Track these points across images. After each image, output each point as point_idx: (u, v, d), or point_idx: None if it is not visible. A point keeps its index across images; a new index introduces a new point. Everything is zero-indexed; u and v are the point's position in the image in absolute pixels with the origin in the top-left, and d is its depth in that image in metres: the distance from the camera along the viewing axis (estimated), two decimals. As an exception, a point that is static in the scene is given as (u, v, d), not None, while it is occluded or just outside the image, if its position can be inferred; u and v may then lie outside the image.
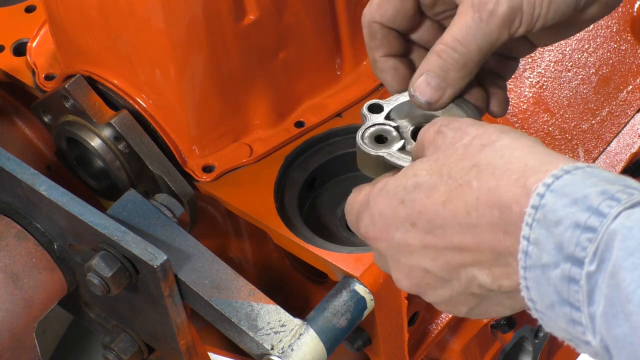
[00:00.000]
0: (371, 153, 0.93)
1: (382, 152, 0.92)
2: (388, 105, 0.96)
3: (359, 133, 0.93)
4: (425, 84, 0.93)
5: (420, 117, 0.95)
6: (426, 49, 0.99)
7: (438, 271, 0.83)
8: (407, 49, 1.00)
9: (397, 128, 0.95)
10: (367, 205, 0.88)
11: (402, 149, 0.93)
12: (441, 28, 0.99)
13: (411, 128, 0.95)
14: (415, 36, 1.00)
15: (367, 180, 1.29)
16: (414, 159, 0.90)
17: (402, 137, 0.94)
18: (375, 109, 0.96)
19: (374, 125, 0.95)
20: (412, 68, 0.99)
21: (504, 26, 0.91)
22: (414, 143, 0.92)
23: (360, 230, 0.89)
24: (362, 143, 0.93)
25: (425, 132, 0.87)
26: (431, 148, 0.85)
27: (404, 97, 0.97)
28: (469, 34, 0.91)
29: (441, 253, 0.82)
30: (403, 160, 0.91)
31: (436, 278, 0.84)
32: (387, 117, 0.96)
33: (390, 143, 0.94)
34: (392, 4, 0.96)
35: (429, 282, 0.84)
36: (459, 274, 0.82)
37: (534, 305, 0.74)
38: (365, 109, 0.96)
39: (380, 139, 0.95)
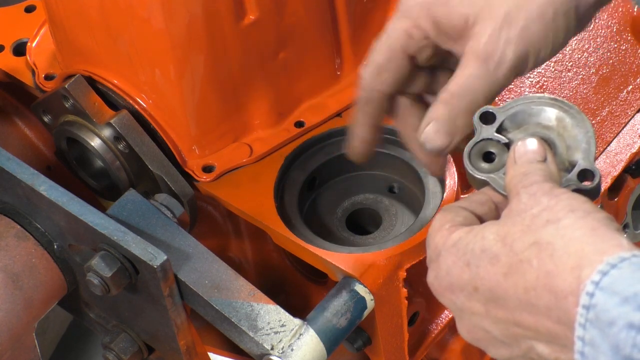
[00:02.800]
0: (475, 176, 0.90)
1: (487, 176, 0.90)
2: (502, 114, 0.92)
3: (467, 149, 0.89)
4: (434, 131, 0.95)
5: (537, 127, 0.92)
6: (413, 96, 1.03)
7: (498, 335, 0.86)
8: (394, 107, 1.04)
9: (508, 145, 0.91)
10: (438, 256, 0.90)
11: None
12: (434, 77, 1.02)
13: None
14: (407, 88, 1.03)
15: (367, 180, 1.30)
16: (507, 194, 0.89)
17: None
18: (489, 118, 0.92)
19: (483, 139, 0.91)
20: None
21: (511, 73, 0.94)
22: None
23: (429, 278, 0.92)
24: (468, 162, 0.90)
25: (510, 180, 0.88)
26: (507, 209, 0.87)
27: (521, 105, 0.93)
28: (476, 83, 0.93)
29: (502, 321, 0.84)
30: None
31: (497, 340, 0.86)
32: (500, 128, 0.92)
33: (499, 163, 0.90)
34: (392, 71, 0.99)
35: (490, 341, 0.87)
36: (518, 342, 0.84)
37: None
38: (476, 118, 0.92)
39: (489, 156, 0.91)
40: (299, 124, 1.28)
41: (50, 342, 2.13)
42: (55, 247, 1.15)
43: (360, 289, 1.10)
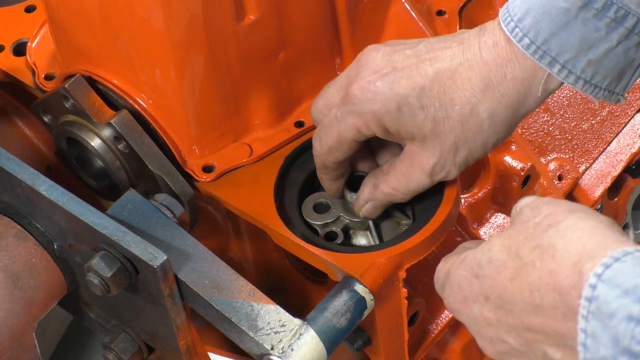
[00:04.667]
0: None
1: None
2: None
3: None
4: (373, 207, 1.15)
5: None
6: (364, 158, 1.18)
7: (514, 344, 0.87)
8: (350, 167, 1.18)
9: None
10: (448, 276, 0.96)
11: None
12: (379, 148, 1.17)
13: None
14: (357, 154, 1.16)
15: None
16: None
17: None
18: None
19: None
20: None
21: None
22: None
23: (444, 301, 0.97)
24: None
25: (514, 207, 0.94)
26: (511, 224, 0.92)
27: None
28: (418, 188, 1.11)
29: (513, 328, 0.86)
30: None
31: (514, 349, 0.88)
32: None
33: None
34: (342, 152, 1.12)
35: (510, 352, 0.89)
36: (533, 348, 0.86)
37: None
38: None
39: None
40: (299, 124, 1.28)
41: (50, 342, 2.13)
42: (55, 247, 1.15)
43: (360, 289, 1.10)
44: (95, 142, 1.23)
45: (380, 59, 1.06)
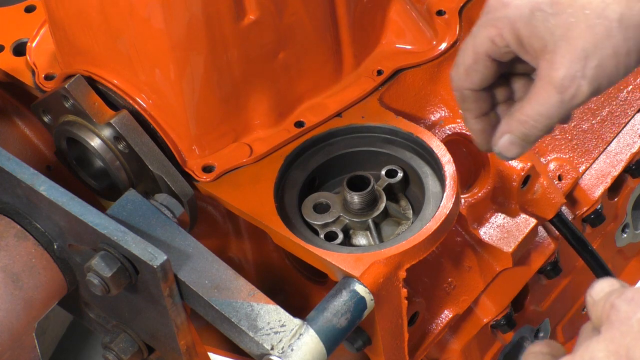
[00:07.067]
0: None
1: None
2: None
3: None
4: (509, 143, 1.08)
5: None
6: (507, 102, 1.13)
7: None
8: (493, 104, 1.13)
9: None
10: None
11: None
12: (519, 84, 1.12)
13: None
14: (497, 91, 1.12)
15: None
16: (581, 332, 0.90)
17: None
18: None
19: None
20: (497, 125, 1.12)
21: (585, 102, 1.03)
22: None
23: None
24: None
25: (595, 304, 0.87)
26: (606, 324, 0.85)
27: None
28: (551, 110, 1.03)
29: None
30: None
31: None
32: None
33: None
34: (479, 72, 1.08)
35: None
36: None
37: None
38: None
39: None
40: (299, 124, 1.28)
41: (50, 342, 2.13)
42: (55, 247, 1.15)
43: (360, 289, 1.10)
44: (95, 142, 1.24)
45: None
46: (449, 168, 1.19)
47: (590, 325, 0.89)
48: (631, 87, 1.53)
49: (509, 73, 1.12)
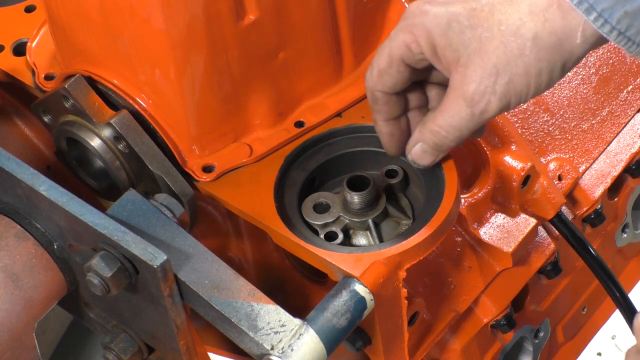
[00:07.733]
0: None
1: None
2: None
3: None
4: (421, 151, 1.14)
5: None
6: (420, 108, 1.16)
7: None
8: (405, 109, 1.16)
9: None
10: None
11: None
12: (434, 93, 1.15)
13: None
14: (411, 97, 1.15)
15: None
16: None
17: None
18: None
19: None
20: (407, 131, 1.17)
21: (494, 116, 1.07)
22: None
23: None
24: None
25: (637, 320, 0.93)
26: None
27: None
28: (462, 123, 1.07)
29: None
30: None
31: None
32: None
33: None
34: (392, 76, 1.10)
35: None
36: None
37: None
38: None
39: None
40: (299, 124, 1.28)
41: (50, 342, 2.13)
42: (55, 247, 1.15)
43: (360, 289, 1.10)
44: (95, 142, 1.24)
45: None
46: (449, 168, 1.19)
47: (635, 349, 0.94)
48: (631, 87, 1.53)
49: (425, 81, 1.14)
